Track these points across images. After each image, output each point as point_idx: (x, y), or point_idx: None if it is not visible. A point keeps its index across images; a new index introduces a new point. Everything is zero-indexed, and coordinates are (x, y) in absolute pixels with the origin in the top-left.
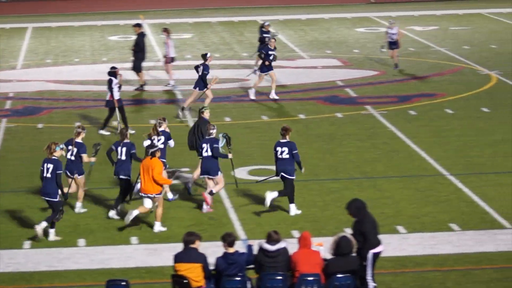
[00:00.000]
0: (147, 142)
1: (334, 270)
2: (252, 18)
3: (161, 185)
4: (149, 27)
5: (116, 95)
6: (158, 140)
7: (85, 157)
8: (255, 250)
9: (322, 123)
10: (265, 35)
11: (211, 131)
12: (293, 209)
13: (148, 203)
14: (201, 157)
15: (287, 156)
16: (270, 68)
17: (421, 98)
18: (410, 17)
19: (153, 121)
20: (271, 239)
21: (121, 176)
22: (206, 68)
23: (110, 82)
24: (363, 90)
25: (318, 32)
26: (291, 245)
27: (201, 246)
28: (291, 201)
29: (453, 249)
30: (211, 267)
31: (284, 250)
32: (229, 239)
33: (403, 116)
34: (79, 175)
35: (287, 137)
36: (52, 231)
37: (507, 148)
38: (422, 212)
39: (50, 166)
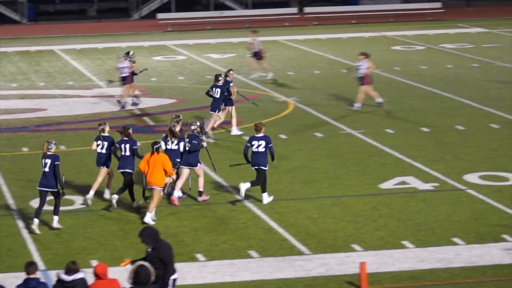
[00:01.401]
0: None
1: None
2: (49, 47)
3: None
4: None
5: None
6: (172, 142)
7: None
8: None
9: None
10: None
11: (192, 127)
12: (266, 198)
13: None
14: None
15: (263, 149)
16: (231, 103)
17: (221, 126)
18: (207, 44)
19: None
20: (68, 270)
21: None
22: (224, 89)
23: None
24: (161, 119)
25: (116, 60)
26: (89, 275)
27: None
28: (264, 191)
29: (252, 276)
30: None
31: (82, 280)
32: (30, 267)
33: None
34: (107, 167)
35: (262, 132)
36: (55, 218)
37: (304, 174)
38: (220, 239)
39: (48, 161)
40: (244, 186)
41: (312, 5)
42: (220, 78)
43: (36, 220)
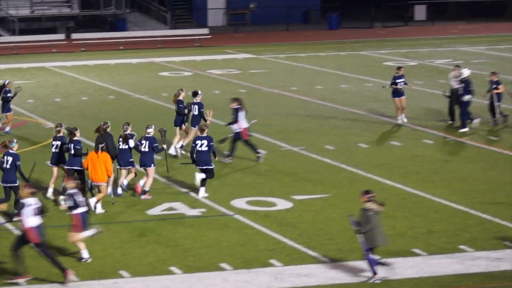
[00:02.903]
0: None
1: None
2: None
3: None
4: None
5: None
6: (124, 143)
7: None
8: None
9: None
10: (9, 94)
11: (148, 130)
12: (202, 193)
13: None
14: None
15: (206, 148)
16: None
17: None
18: None
19: None
20: None
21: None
22: (201, 105)
23: None
24: None
25: None
26: None
27: None
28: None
29: None
30: None
31: None
32: None
33: None
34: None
35: (205, 132)
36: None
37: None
38: None
39: (10, 158)
40: (199, 176)
41: (79, 31)
42: (198, 95)
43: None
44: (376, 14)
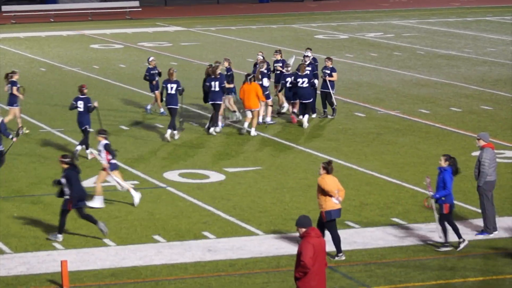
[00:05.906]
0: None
1: None
2: None
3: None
4: None
5: None
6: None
7: None
8: None
9: None
10: (152, 72)
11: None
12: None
13: (250, 114)
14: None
15: (307, 85)
16: None
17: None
18: None
19: None
20: None
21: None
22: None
23: None
24: None
25: None
26: None
27: None
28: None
29: None
30: None
31: None
32: None
33: None
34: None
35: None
36: None
37: (3, 174)
38: None
39: (174, 85)
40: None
41: (9, 3)
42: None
43: None
44: None
